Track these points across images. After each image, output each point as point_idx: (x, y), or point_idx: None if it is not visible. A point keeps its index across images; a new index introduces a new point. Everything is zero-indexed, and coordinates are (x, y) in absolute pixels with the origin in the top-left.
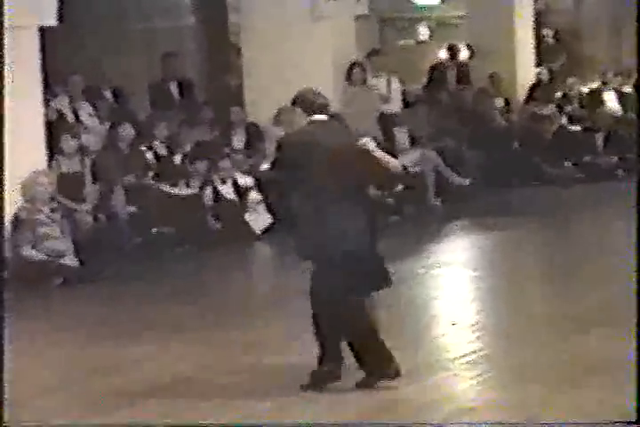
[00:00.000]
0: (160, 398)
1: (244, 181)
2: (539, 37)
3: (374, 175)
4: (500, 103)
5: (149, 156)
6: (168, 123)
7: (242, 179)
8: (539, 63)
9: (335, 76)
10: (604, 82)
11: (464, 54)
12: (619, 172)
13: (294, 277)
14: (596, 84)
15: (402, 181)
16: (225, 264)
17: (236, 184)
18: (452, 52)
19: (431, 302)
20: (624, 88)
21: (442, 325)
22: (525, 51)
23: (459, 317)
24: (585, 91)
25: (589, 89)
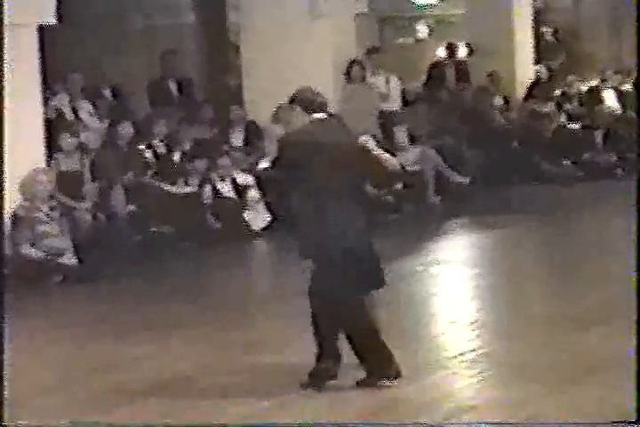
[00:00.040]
0: (160, 397)
1: (243, 179)
2: (538, 36)
3: (373, 174)
4: (500, 101)
5: (148, 154)
6: (167, 121)
7: (241, 177)
8: (538, 61)
9: (335, 74)
10: (603, 80)
11: (463, 52)
12: (618, 170)
13: (294, 275)
14: (595, 83)
15: (400, 179)
16: (224, 262)
17: (235, 182)
18: (451, 50)
19: (430, 300)
20: (623, 86)
21: (441, 323)
22: (524, 49)
23: (458, 315)
24: (584, 89)
25: (589, 87)
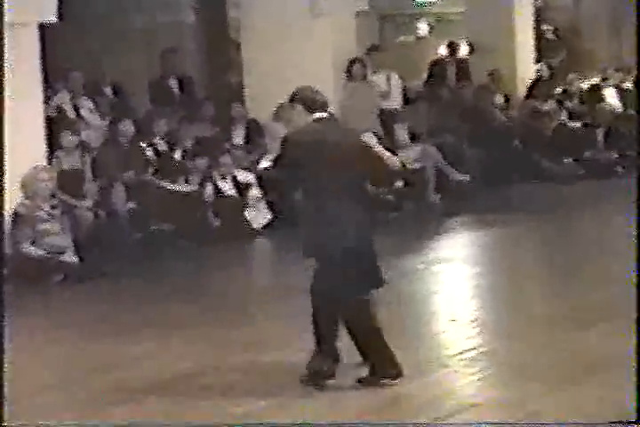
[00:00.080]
0: (160, 396)
1: (244, 177)
2: (538, 34)
3: (374, 171)
4: (500, 100)
5: (149, 152)
6: (168, 119)
7: (242, 175)
8: (538, 59)
9: (335, 72)
10: (604, 78)
11: (464, 51)
12: (619, 168)
13: (294, 274)
14: (596, 81)
15: (399, 178)
16: (225, 261)
17: (235, 180)
18: (452, 48)
19: (431, 298)
20: (624, 84)
21: (442, 321)
22: (525, 47)
23: (459, 313)
24: (585, 87)
25: (589, 85)
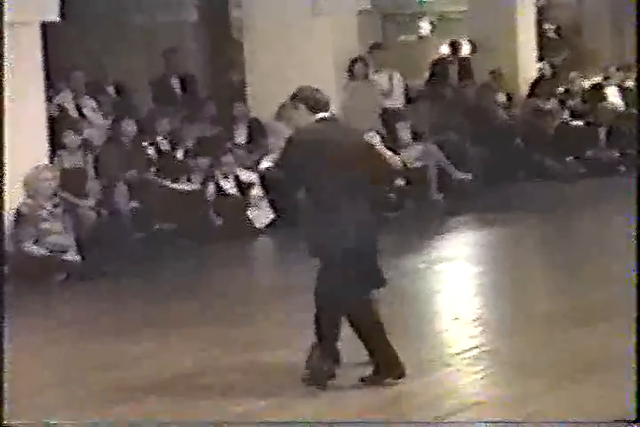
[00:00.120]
0: (160, 396)
1: (246, 176)
2: (541, 32)
3: (374, 171)
4: (503, 98)
5: (151, 151)
6: (170, 118)
7: (244, 174)
8: (541, 58)
9: (337, 71)
10: (606, 77)
11: (466, 49)
12: (621, 167)
13: (296, 273)
14: (598, 79)
15: (400, 177)
16: (227, 260)
17: (238, 179)
18: (454, 47)
19: (433, 297)
20: (626, 83)
21: (444, 320)
22: (527, 46)
23: (461, 312)
24: (587, 86)
25: (592, 84)
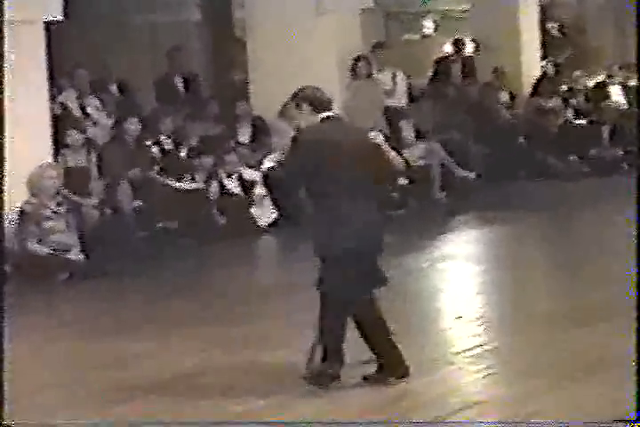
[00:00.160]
0: (160, 395)
1: (249, 175)
2: (544, 31)
3: (378, 170)
4: (506, 97)
5: (155, 150)
6: (174, 117)
7: (248, 173)
8: (544, 57)
9: (340, 70)
10: (609, 75)
11: (469, 48)
12: (624, 165)
13: (298, 272)
14: (601, 78)
15: (402, 177)
16: (230, 259)
17: (241, 178)
18: (458, 45)
19: (436, 295)
20: (629, 81)
21: (447, 318)
22: (530, 44)
23: (464, 310)
24: (590, 84)
25: (595, 82)
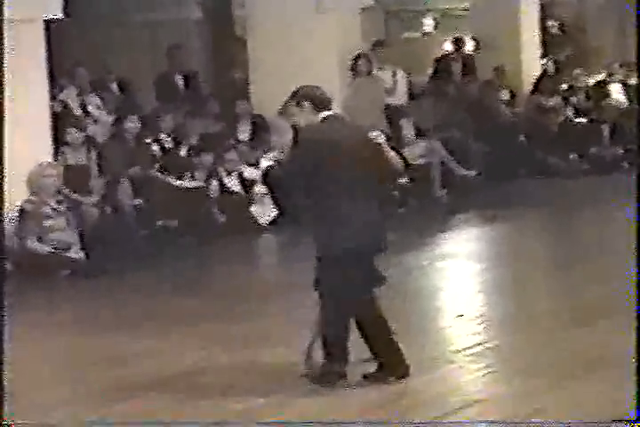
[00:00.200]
0: (160, 393)
1: (250, 173)
2: (544, 29)
3: (380, 169)
4: (506, 95)
5: (155, 148)
6: (174, 115)
7: (248, 171)
8: (544, 55)
9: (341, 68)
10: (609, 73)
11: (469, 46)
12: (624, 163)
13: (298, 270)
14: (601, 76)
15: (401, 178)
16: (231, 257)
17: (241, 176)
18: (458, 44)
19: (436, 294)
20: (630, 80)
21: (447, 317)
22: (531, 42)
23: (464, 309)
24: (591, 82)
25: (595, 81)
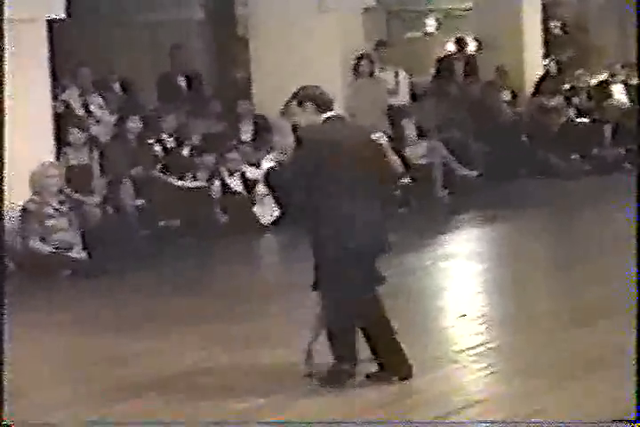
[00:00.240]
0: (160, 393)
1: (252, 173)
2: (546, 30)
3: (381, 170)
4: (508, 95)
5: (157, 148)
6: (176, 115)
7: (250, 171)
8: (546, 55)
9: (343, 68)
10: (611, 74)
11: (472, 46)
12: (626, 164)
13: (299, 270)
14: (603, 76)
15: (400, 180)
16: (233, 258)
17: (243, 176)
18: (460, 44)
19: (439, 294)
20: (632, 80)
21: (450, 317)
22: (533, 43)
23: (467, 309)
24: (593, 83)
25: (597, 81)
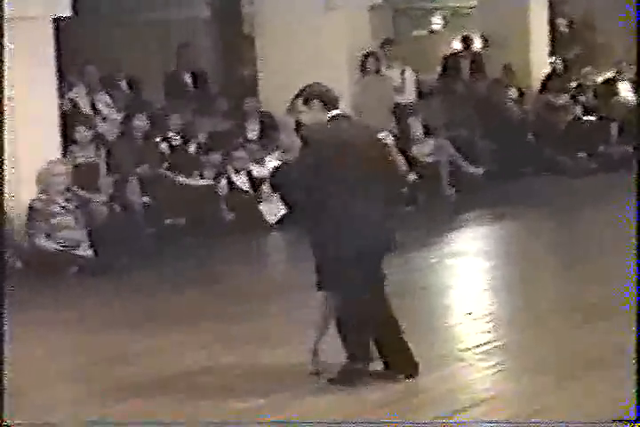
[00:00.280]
0: (160, 393)
1: (258, 171)
2: (553, 27)
3: (384, 169)
4: (514, 93)
5: (164, 146)
6: (182, 113)
7: (256, 169)
8: (553, 53)
9: (349, 66)
10: (618, 72)
11: (478, 44)
12: (633, 162)
13: (305, 269)
14: (610, 74)
15: (404, 181)
16: (238, 256)
17: (250, 175)
18: (466, 42)
19: (445, 292)
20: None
21: (456, 315)
22: (540, 41)
23: (473, 307)
24: (599, 81)
25: (604, 79)
